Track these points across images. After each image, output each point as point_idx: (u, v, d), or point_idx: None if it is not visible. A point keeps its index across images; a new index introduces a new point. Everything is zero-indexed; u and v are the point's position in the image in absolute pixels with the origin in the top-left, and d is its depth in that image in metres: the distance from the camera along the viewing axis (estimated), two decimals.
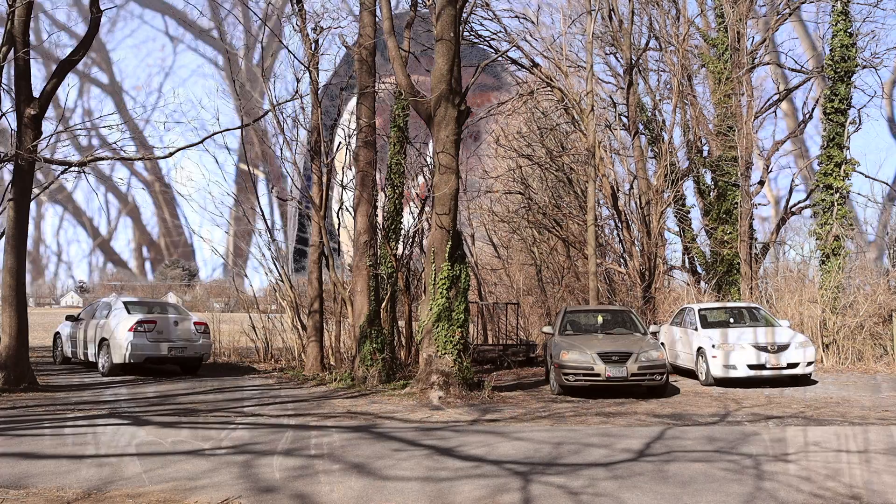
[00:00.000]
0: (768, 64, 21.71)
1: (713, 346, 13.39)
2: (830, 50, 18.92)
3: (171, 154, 13.42)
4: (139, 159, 13.72)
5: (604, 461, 6.93)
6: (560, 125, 22.13)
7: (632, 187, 21.90)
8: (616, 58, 22.99)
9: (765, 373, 13.10)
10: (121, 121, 15.54)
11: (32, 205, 12.82)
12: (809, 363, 13.31)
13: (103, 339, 15.01)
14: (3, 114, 12.51)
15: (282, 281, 17.51)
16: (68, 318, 17.22)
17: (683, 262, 23.59)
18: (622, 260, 21.49)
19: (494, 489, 5.89)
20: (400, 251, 16.12)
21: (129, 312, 15.17)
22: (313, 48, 15.33)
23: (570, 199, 22.29)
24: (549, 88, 20.50)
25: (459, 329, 11.82)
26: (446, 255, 11.98)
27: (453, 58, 12.11)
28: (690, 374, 14.55)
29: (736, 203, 20.61)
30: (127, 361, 14.49)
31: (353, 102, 15.37)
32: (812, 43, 22.73)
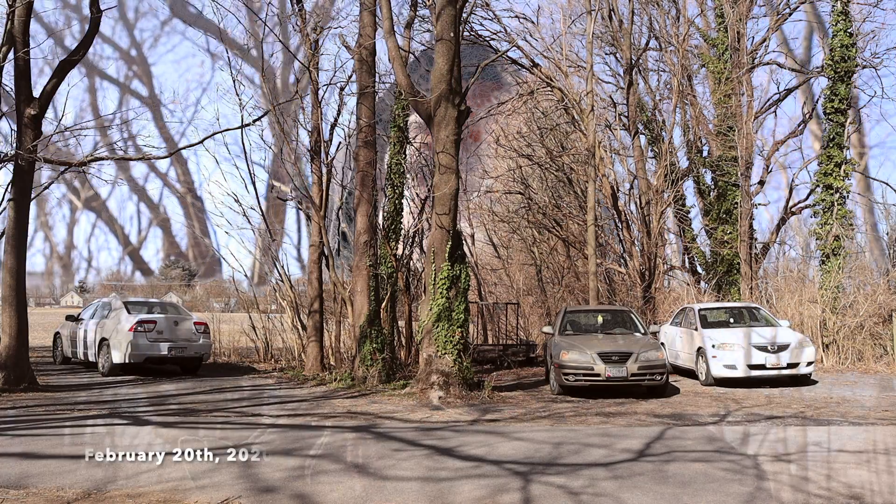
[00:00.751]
0: (768, 64, 21.72)
1: (713, 346, 13.39)
2: (830, 50, 18.93)
3: (170, 154, 13.44)
4: (139, 159, 13.72)
5: (604, 461, 6.93)
6: (560, 125, 22.13)
7: (632, 187, 21.90)
8: (616, 58, 23.01)
9: (765, 373, 13.10)
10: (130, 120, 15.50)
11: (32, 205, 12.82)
12: (809, 363, 13.31)
13: (103, 339, 15.01)
14: (3, 114, 12.51)
15: (282, 281, 17.52)
16: (68, 318, 17.22)
17: (683, 262, 23.60)
18: (622, 260, 21.48)
19: (494, 489, 5.89)
20: (400, 251, 16.12)
21: (129, 312, 15.17)
22: (313, 48, 15.33)
23: (570, 199, 22.29)
24: (549, 88, 20.50)
25: (459, 329, 11.82)
26: (446, 255, 11.98)
27: (453, 58, 12.11)
28: (690, 374, 14.55)
29: (736, 203, 20.61)
30: (127, 361, 14.49)
31: (353, 102, 15.38)
32: (813, 42, 22.72)
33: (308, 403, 11.03)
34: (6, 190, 12.45)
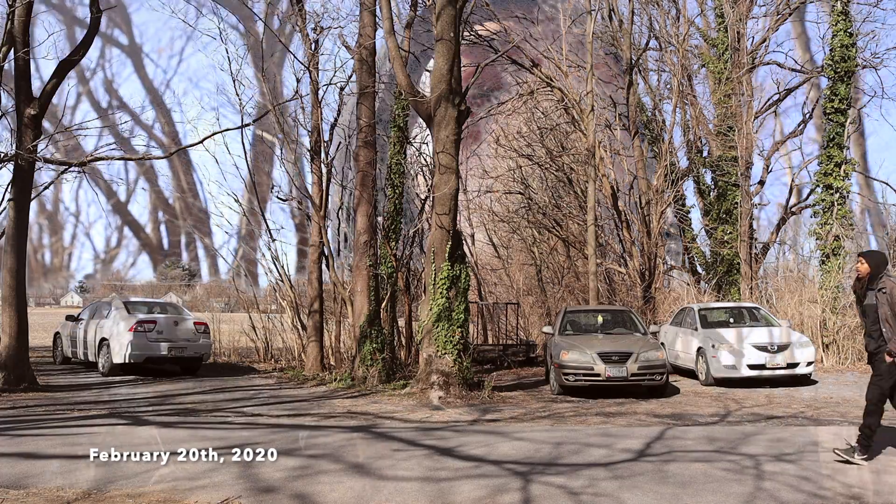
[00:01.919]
0: (768, 64, 21.72)
1: (713, 346, 13.39)
2: (830, 50, 18.93)
3: (170, 154, 13.43)
4: (139, 159, 13.73)
5: (604, 461, 6.93)
6: (560, 125, 22.12)
7: (632, 187, 21.90)
8: (616, 57, 23.00)
9: (765, 373, 13.10)
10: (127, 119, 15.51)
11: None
12: (809, 363, 13.31)
13: (103, 339, 15.01)
14: (4, 114, 12.51)
15: (282, 281, 17.52)
16: (68, 318, 17.22)
17: (683, 261, 23.59)
18: (622, 260, 21.48)
19: (494, 489, 5.89)
20: (400, 251, 16.12)
21: (129, 312, 15.18)
22: (313, 48, 15.33)
23: (570, 199, 22.29)
24: (549, 88, 20.50)
25: (459, 329, 11.82)
26: (446, 255, 11.98)
27: (453, 58, 12.11)
28: (690, 374, 14.55)
29: (736, 203, 20.61)
30: (127, 361, 14.49)
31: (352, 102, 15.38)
32: (817, 42, 22.72)
33: (308, 403, 11.03)
34: (6, 190, 12.45)
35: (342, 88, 15.98)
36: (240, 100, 15.73)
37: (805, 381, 13.57)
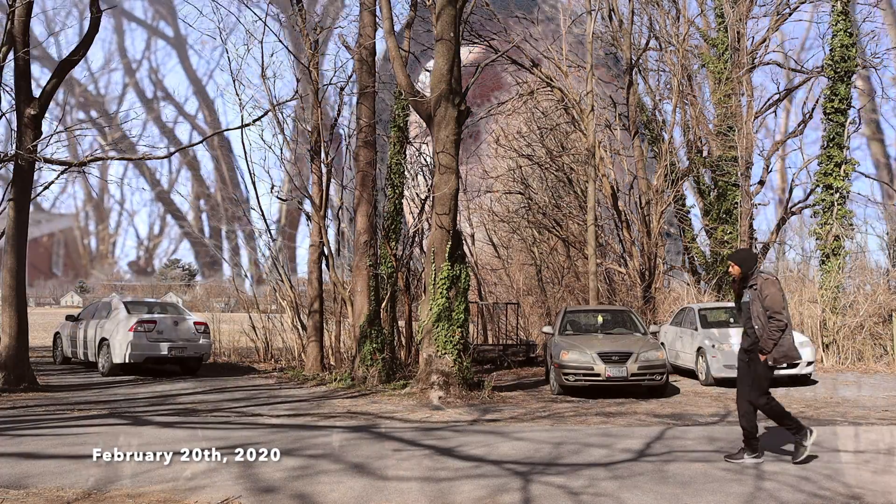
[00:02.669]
0: (768, 64, 21.72)
1: (713, 346, 13.39)
2: (830, 50, 18.93)
3: (170, 154, 13.44)
4: (139, 159, 13.72)
5: (604, 461, 6.93)
6: (560, 125, 22.13)
7: (632, 187, 21.90)
8: (616, 57, 23.00)
9: None
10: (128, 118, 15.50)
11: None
12: (809, 363, 13.31)
13: (103, 339, 15.01)
14: (3, 114, 12.51)
15: (282, 281, 17.52)
16: (68, 318, 17.22)
17: (683, 262, 23.59)
18: (622, 260, 21.48)
19: (494, 489, 5.89)
20: (400, 251, 16.12)
21: (129, 312, 15.18)
22: (313, 48, 15.33)
23: (570, 199, 22.29)
24: (549, 88, 20.50)
25: (459, 329, 11.82)
26: (446, 255, 11.98)
27: (453, 58, 12.10)
28: (690, 374, 14.55)
29: (736, 203, 20.62)
30: (127, 361, 14.49)
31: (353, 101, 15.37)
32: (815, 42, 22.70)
33: (308, 403, 11.03)
34: (6, 190, 12.45)
35: (342, 88, 15.99)
36: (240, 100, 15.75)
37: (805, 381, 13.57)
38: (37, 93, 12.50)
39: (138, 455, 7.03)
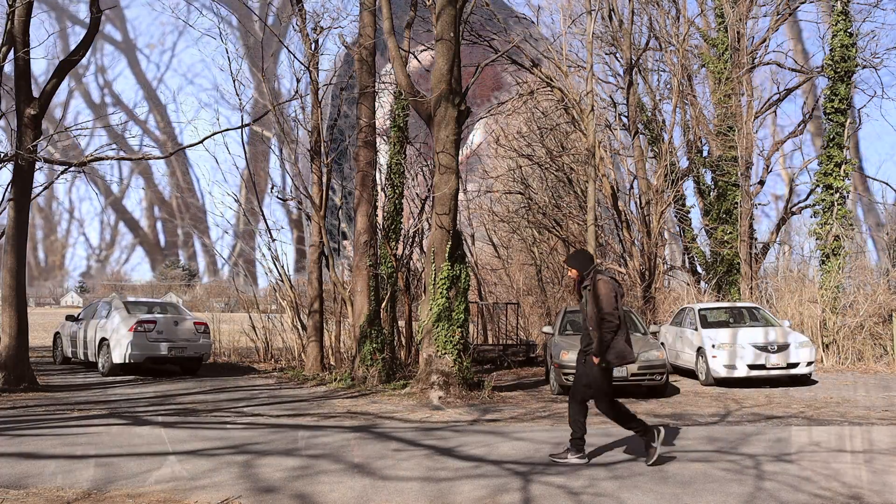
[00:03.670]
0: (768, 64, 21.72)
1: (713, 346, 13.39)
2: (830, 50, 18.93)
3: (170, 154, 13.43)
4: (139, 159, 13.72)
5: (604, 461, 6.93)
6: (560, 125, 22.13)
7: (632, 187, 21.92)
8: (616, 57, 23.02)
9: (765, 373, 13.10)
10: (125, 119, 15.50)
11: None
12: (809, 363, 13.31)
13: (103, 339, 15.01)
14: (3, 114, 12.51)
15: (282, 281, 17.52)
16: (68, 318, 17.22)
17: (683, 262, 23.60)
18: (622, 260, 21.48)
19: (494, 489, 5.89)
20: (400, 251, 16.12)
21: (129, 312, 15.18)
22: (313, 48, 15.33)
23: (570, 199, 22.30)
24: (549, 88, 20.51)
25: (459, 329, 11.82)
26: (446, 255, 11.98)
27: (453, 58, 12.10)
28: (690, 374, 14.55)
29: (736, 203, 20.62)
30: (127, 361, 14.49)
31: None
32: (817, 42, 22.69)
33: (308, 403, 11.03)
34: (6, 190, 12.45)
35: (342, 88, 15.98)
36: (239, 100, 15.73)
37: (805, 381, 13.57)
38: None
39: (138, 455, 7.03)
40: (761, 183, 20.97)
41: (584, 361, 6.97)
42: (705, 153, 22.80)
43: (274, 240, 17.44)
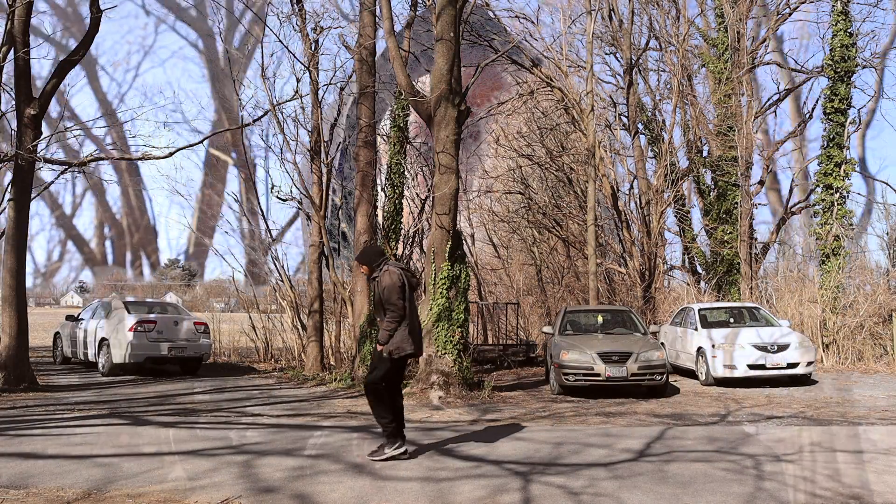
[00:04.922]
0: (769, 64, 21.72)
1: (713, 346, 13.39)
2: (830, 50, 18.93)
3: (170, 154, 13.43)
4: (139, 159, 13.72)
5: (604, 461, 6.93)
6: (560, 125, 22.13)
7: (632, 187, 21.91)
8: (616, 58, 23.02)
9: (765, 373, 13.10)
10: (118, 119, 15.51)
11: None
12: (809, 363, 13.31)
13: (103, 339, 15.01)
14: (3, 114, 12.51)
15: (282, 281, 17.52)
16: (68, 318, 17.22)
17: (683, 262, 23.60)
18: (622, 260, 21.48)
19: (494, 489, 5.89)
20: (400, 251, 16.11)
21: (129, 312, 15.18)
22: (313, 48, 15.33)
23: (570, 199, 22.30)
24: (549, 88, 20.50)
25: (459, 329, 11.82)
26: (446, 255, 11.98)
27: (453, 58, 12.11)
28: (690, 374, 14.55)
29: (736, 203, 20.62)
30: (127, 361, 14.50)
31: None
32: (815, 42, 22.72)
33: (308, 403, 11.03)
34: (6, 190, 12.45)
35: (342, 88, 15.98)
36: (239, 100, 15.73)
37: (805, 381, 13.57)
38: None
39: (138, 455, 7.03)
40: (761, 183, 20.97)
41: (374, 349, 7.08)
42: (705, 153, 22.80)
43: (274, 240, 17.45)
